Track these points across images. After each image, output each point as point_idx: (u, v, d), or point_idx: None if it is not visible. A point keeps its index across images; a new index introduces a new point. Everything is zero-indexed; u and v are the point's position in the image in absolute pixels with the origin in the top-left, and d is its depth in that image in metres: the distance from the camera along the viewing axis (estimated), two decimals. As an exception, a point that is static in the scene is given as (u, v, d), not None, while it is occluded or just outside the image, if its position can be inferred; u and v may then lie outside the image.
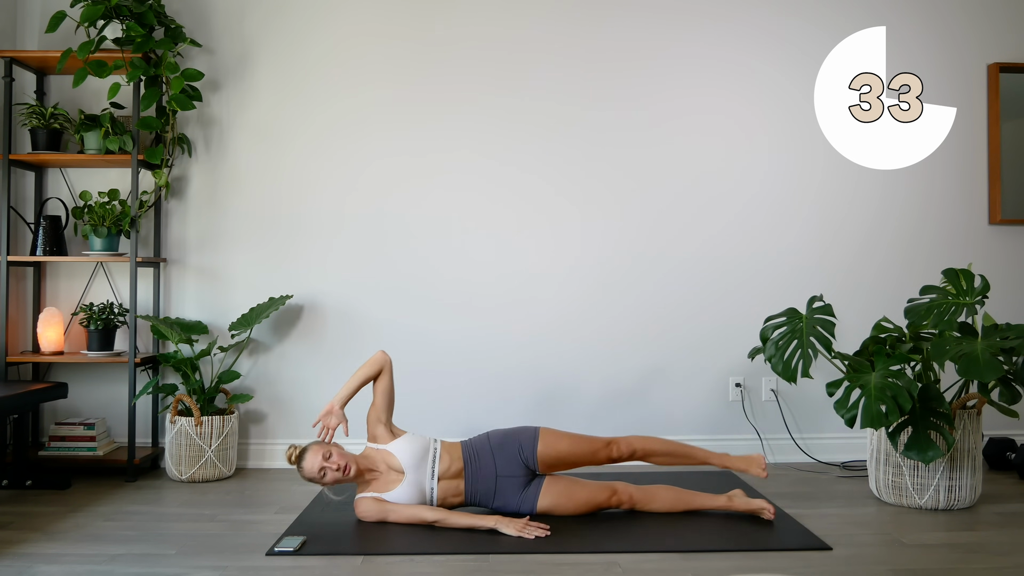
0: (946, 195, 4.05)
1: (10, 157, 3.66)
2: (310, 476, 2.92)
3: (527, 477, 3.04)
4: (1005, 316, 3.89)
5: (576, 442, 3.09)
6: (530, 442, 3.04)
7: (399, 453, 2.98)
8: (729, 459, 3.18)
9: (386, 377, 3.12)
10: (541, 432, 3.08)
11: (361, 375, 3.10)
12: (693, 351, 3.98)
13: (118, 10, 3.56)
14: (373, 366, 3.12)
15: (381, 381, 3.12)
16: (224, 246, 3.95)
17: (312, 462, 2.91)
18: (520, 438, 3.06)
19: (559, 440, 3.07)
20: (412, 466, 2.97)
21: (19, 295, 3.90)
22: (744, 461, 3.16)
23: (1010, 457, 3.76)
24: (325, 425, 3.03)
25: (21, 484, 3.49)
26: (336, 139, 3.95)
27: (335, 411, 3.03)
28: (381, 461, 3.00)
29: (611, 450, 3.10)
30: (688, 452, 3.17)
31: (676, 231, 4.00)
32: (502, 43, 3.97)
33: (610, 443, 3.10)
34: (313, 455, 2.92)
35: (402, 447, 3.00)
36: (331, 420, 3.03)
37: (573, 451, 3.07)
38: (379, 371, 3.12)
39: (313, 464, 2.90)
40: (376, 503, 2.94)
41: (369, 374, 3.11)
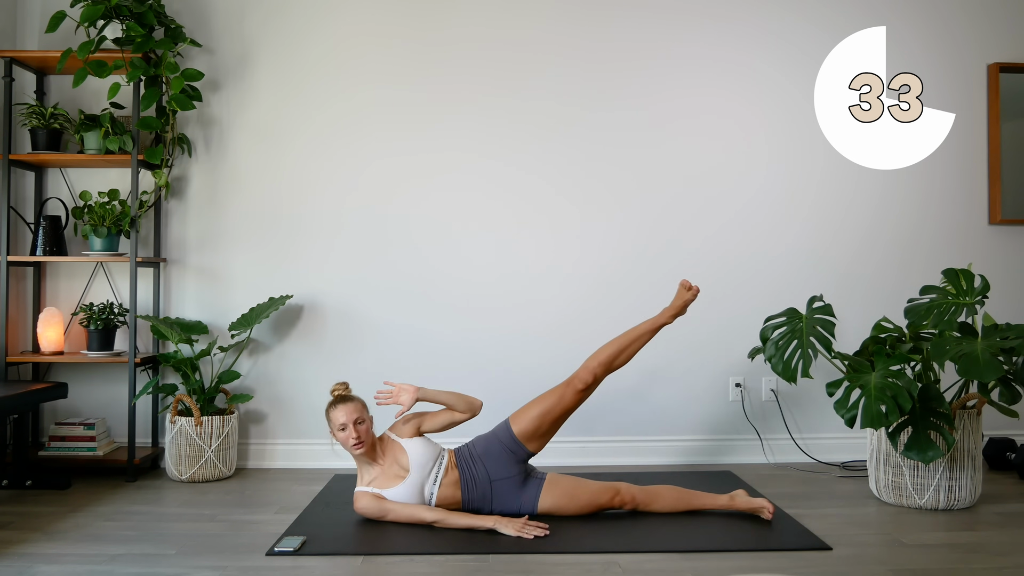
0: (946, 195, 4.05)
1: (10, 157, 3.66)
2: (332, 420, 2.94)
3: (521, 472, 3.04)
4: (1005, 316, 3.89)
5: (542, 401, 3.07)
6: (505, 431, 3.06)
7: (411, 452, 2.99)
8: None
9: (462, 417, 3.07)
10: (510, 418, 3.09)
11: (455, 398, 3.05)
12: (693, 351, 3.98)
13: (118, 10, 3.56)
14: (468, 403, 3.06)
15: (456, 416, 3.07)
16: (224, 246, 3.95)
17: (344, 413, 2.91)
18: (497, 434, 3.08)
19: (527, 408, 3.07)
20: (418, 467, 2.97)
21: (19, 295, 3.90)
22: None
23: (1010, 457, 3.76)
24: (396, 394, 3.02)
25: (21, 484, 3.49)
26: (336, 139, 3.95)
27: (413, 395, 3.01)
28: (390, 453, 3.00)
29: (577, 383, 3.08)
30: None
31: (676, 231, 4.00)
32: (502, 43, 3.97)
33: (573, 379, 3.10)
34: (350, 410, 2.92)
35: (416, 447, 3.00)
36: (403, 396, 3.02)
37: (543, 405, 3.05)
38: (466, 411, 3.07)
39: (342, 416, 2.91)
40: (375, 500, 2.94)
41: (458, 404, 3.06)
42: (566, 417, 3.11)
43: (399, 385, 3.05)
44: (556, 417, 3.07)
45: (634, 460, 3.94)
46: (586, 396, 3.10)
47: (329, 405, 2.98)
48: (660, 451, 3.96)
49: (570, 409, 3.09)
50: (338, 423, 2.92)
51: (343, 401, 2.96)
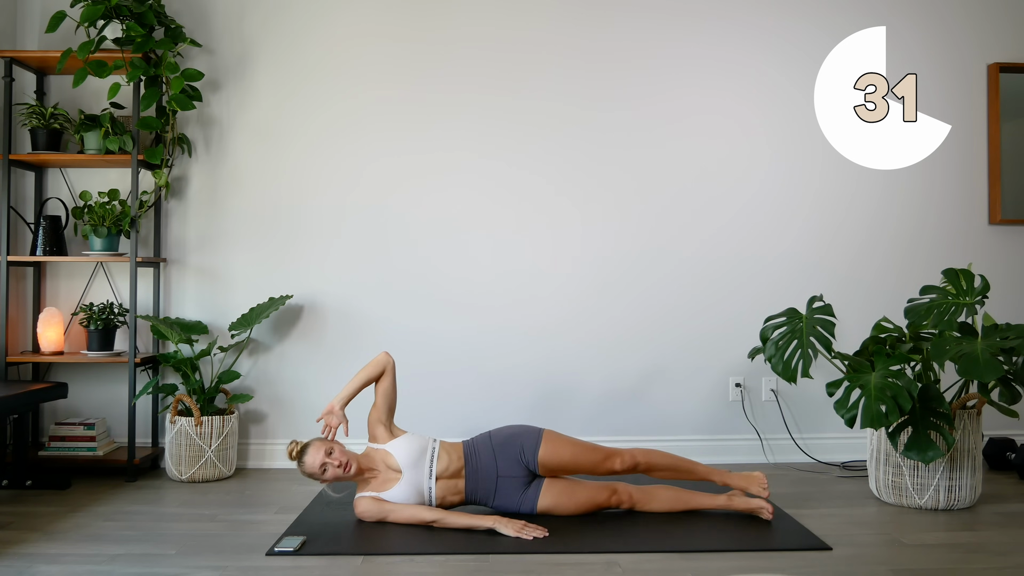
0: (946, 195, 4.05)
1: (10, 157, 3.66)
2: (311, 472, 2.93)
3: (527, 478, 3.04)
4: (1005, 316, 3.89)
5: (579, 451, 3.05)
6: (532, 445, 3.02)
7: (396, 453, 2.99)
8: (730, 476, 3.12)
9: (388, 378, 3.12)
10: (544, 436, 3.06)
11: (363, 376, 3.10)
12: (693, 351, 3.98)
13: (118, 10, 3.56)
14: (375, 367, 3.12)
15: (383, 382, 3.12)
16: (224, 246, 3.95)
17: (314, 458, 2.91)
18: (523, 440, 3.04)
19: (562, 447, 3.04)
20: (409, 465, 2.97)
21: (19, 295, 3.90)
22: (744, 479, 3.10)
23: (1010, 457, 3.76)
24: (327, 424, 3.04)
25: (21, 484, 3.48)
26: (336, 139, 3.95)
27: (335, 411, 3.04)
28: (380, 460, 3.01)
29: (614, 463, 3.05)
30: (690, 468, 3.13)
31: (676, 231, 4.00)
32: (502, 43, 3.97)
33: (612, 455, 3.06)
34: (315, 451, 2.93)
35: (400, 447, 3.00)
36: (332, 420, 3.04)
37: (576, 460, 3.04)
38: (381, 372, 3.12)
39: (315, 460, 2.91)
40: (375, 503, 2.94)
41: (371, 375, 3.11)
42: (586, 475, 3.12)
43: (324, 413, 3.05)
44: (580, 471, 3.08)
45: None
46: (615, 475, 3.10)
47: (299, 464, 2.96)
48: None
49: (595, 474, 3.09)
50: (317, 467, 2.91)
51: (304, 451, 2.95)
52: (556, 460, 3.02)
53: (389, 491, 2.95)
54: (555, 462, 3.03)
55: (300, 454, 2.95)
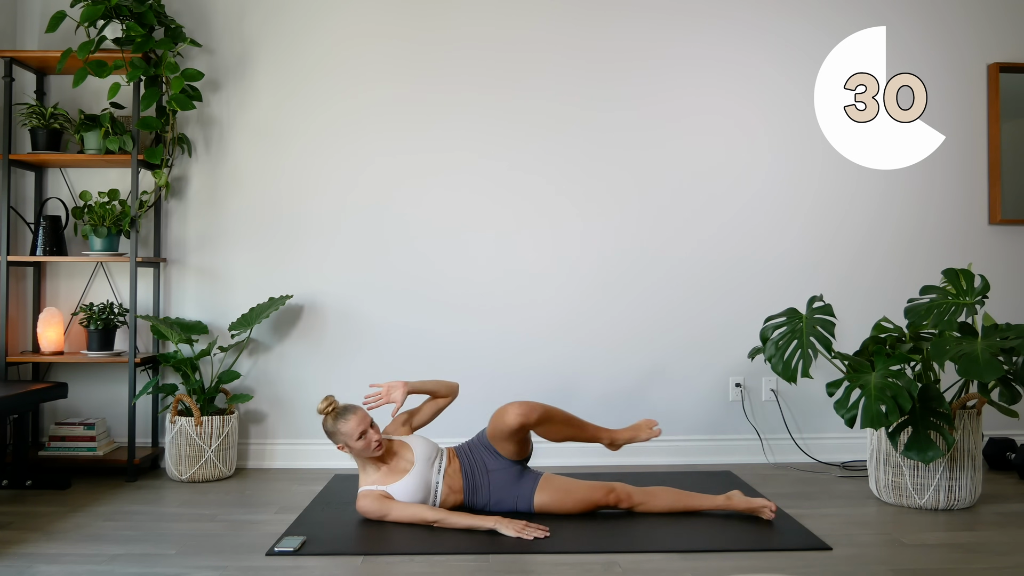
0: (946, 195, 4.05)
1: (10, 157, 3.66)
2: (346, 432, 2.92)
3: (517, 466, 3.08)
4: (1005, 316, 3.89)
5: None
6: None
7: (415, 446, 3.04)
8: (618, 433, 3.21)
9: (445, 401, 3.26)
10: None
11: (437, 385, 3.23)
12: (693, 351, 3.98)
13: (118, 10, 3.56)
14: (449, 387, 3.25)
15: (440, 403, 3.26)
16: (224, 246, 3.95)
17: (356, 424, 2.92)
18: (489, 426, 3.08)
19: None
20: (423, 459, 3.01)
21: (19, 295, 3.90)
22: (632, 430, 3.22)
23: (1010, 457, 3.76)
24: (385, 394, 3.09)
25: (21, 484, 3.48)
26: (336, 139, 3.95)
27: (403, 390, 3.11)
28: (394, 451, 3.04)
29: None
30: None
31: (676, 231, 4.00)
32: (502, 43, 3.97)
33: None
34: (359, 418, 2.93)
35: (418, 442, 3.06)
36: (395, 393, 3.10)
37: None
38: (448, 394, 3.25)
39: (355, 426, 2.91)
40: (379, 500, 2.94)
41: (440, 390, 3.23)
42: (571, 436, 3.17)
43: (387, 384, 3.14)
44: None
45: (634, 460, 3.94)
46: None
47: (332, 420, 2.96)
48: (660, 451, 3.96)
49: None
50: (355, 433, 2.92)
51: (349, 412, 2.96)
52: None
53: (398, 483, 2.96)
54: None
55: (339, 414, 2.95)
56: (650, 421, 3.23)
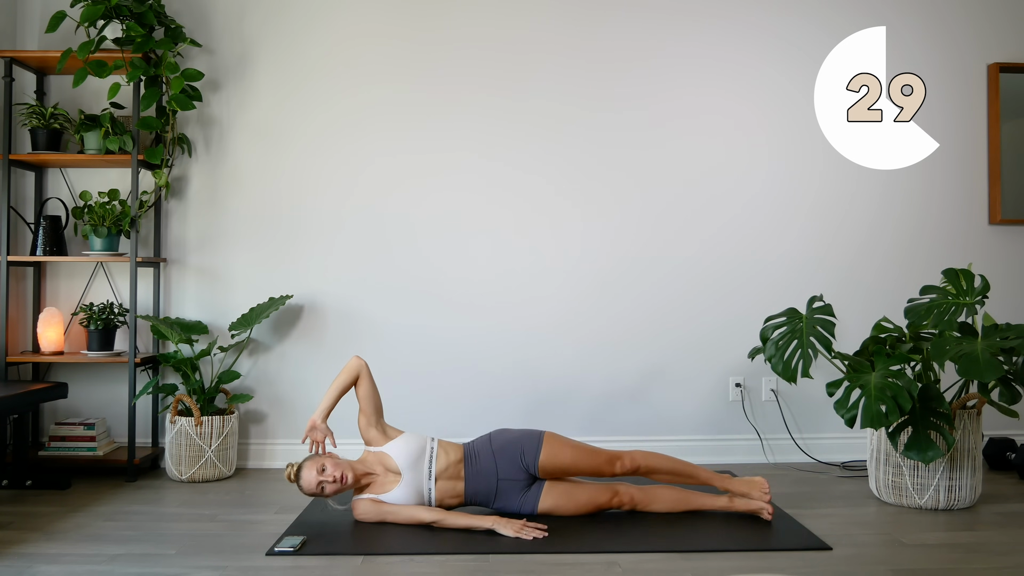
0: (946, 195, 4.05)
1: (10, 157, 3.66)
2: (310, 492, 2.91)
3: (528, 481, 3.03)
4: (1005, 316, 3.89)
5: (579, 455, 3.04)
6: (533, 448, 3.01)
7: (395, 454, 2.97)
8: (731, 482, 3.10)
9: (365, 382, 3.07)
10: (545, 438, 3.04)
11: (338, 385, 3.06)
12: (693, 351, 3.98)
13: (118, 10, 3.56)
14: (348, 374, 3.07)
15: (361, 387, 3.07)
16: (224, 246, 3.95)
17: (309, 478, 2.89)
18: (523, 444, 3.03)
19: (562, 450, 3.03)
20: (408, 466, 2.96)
21: (19, 295, 3.90)
22: (746, 484, 3.08)
23: (1010, 457, 3.76)
24: (313, 441, 3.01)
25: (21, 484, 3.48)
26: (336, 139, 3.95)
27: (318, 425, 3.00)
28: (378, 463, 3.00)
29: (614, 466, 3.04)
30: (692, 472, 3.11)
31: (676, 231, 4.00)
32: (502, 43, 3.97)
33: (614, 458, 3.05)
34: (308, 471, 2.90)
35: (398, 448, 2.99)
36: (316, 435, 3.00)
37: (576, 463, 3.03)
38: (356, 378, 3.07)
39: (310, 480, 2.88)
40: (373, 505, 2.93)
41: (346, 383, 3.06)
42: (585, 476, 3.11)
43: (306, 432, 3.02)
44: (580, 474, 3.08)
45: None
46: (616, 478, 3.09)
47: (299, 488, 2.93)
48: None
49: (595, 476, 3.08)
50: (315, 485, 2.88)
51: (299, 473, 2.92)
52: (556, 463, 3.01)
53: (389, 493, 2.95)
54: (555, 465, 3.02)
55: (296, 477, 2.93)
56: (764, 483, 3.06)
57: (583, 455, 3.04)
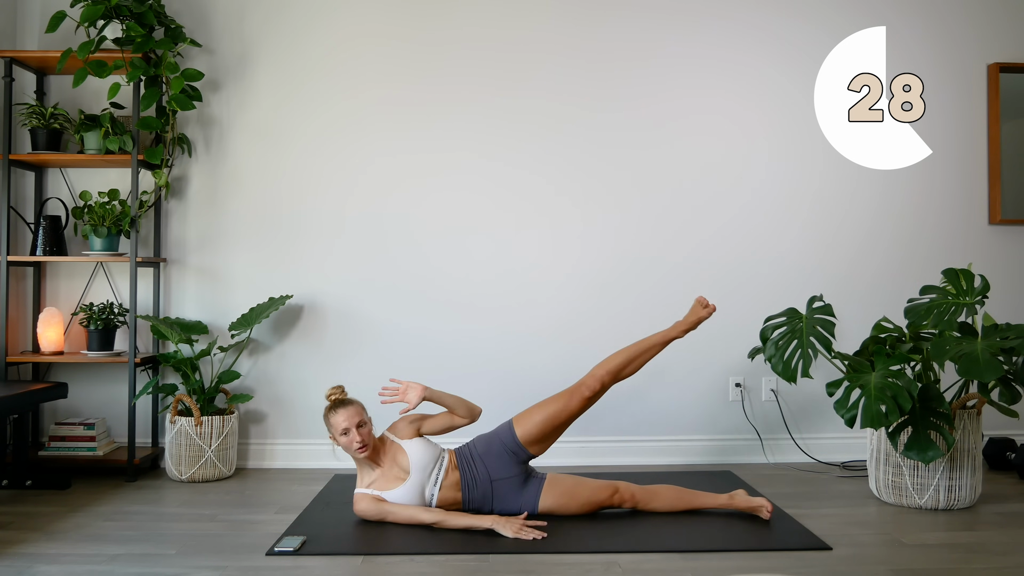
0: (946, 195, 4.05)
1: (10, 157, 3.66)
2: (333, 423, 2.91)
3: (522, 473, 3.04)
4: (1005, 316, 3.89)
5: (545, 405, 3.05)
6: (507, 429, 3.05)
7: (411, 453, 2.97)
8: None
9: (461, 422, 3.05)
10: (513, 420, 3.07)
11: (457, 401, 3.04)
12: (693, 351, 3.98)
13: (118, 10, 3.56)
14: (469, 409, 3.05)
15: (456, 420, 3.04)
16: (224, 246, 3.95)
17: (343, 418, 2.89)
18: (500, 435, 3.06)
19: (531, 412, 3.05)
20: (419, 469, 2.96)
21: (19, 295, 3.90)
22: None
23: (1010, 457, 3.76)
24: (402, 392, 2.98)
25: (21, 484, 3.49)
26: (336, 139, 3.95)
27: (420, 392, 2.98)
28: (391, 454, 2.99)
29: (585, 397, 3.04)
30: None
31: (676, 230, 4.00)
32: (502, 44, 3.97)
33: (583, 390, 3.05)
34: (350, 413, 2.89)
35: (416, 448, 2.99)
36: (409, 395, 2.98)
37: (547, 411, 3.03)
38: (466, 416, 3.05)
39: (342, 421, 2.89)
40: (375, 503, 2.93)
41: (459, 409, 3.04)
42: (570, 422, 3.09)
43: (406, 383, 3.02)
44: (561, 423, 3.06)
45: (634, 460, 3.94)
46: (591, 403, 3.08)
47: (328, 410, 2.96)
48: (660, 451, 3.96)
49: (575, 415, 3.07)
50: (340, 428, 2.90)
51: (342, 405, 2.94)
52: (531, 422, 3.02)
53: (392, 491, 2.95)
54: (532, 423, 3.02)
55: (336, 405, 2.93)
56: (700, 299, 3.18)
57: (552, 407, 3.04)
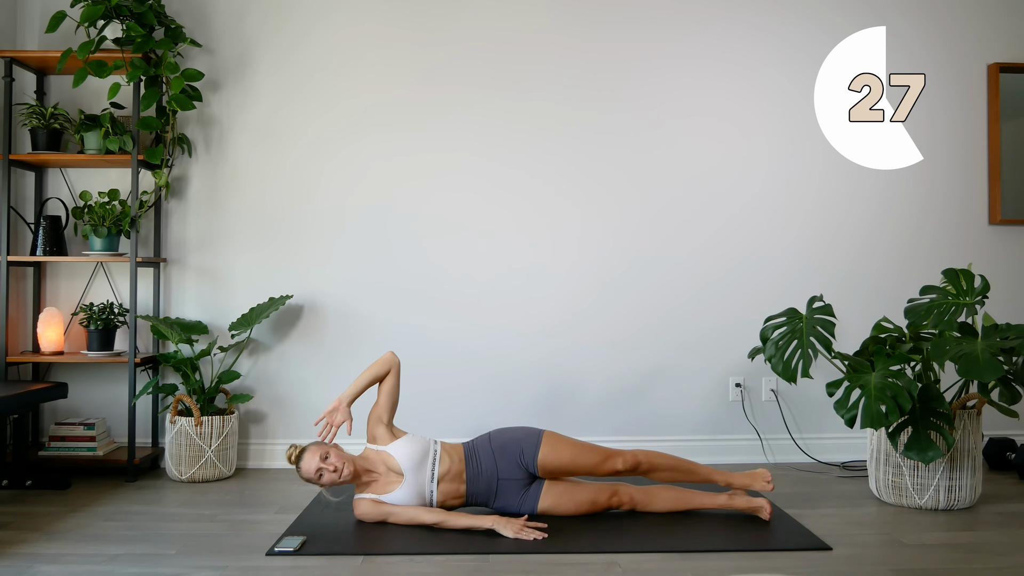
0: (946, 195, 4.05)
1: (10, 157, 3.66)
2: (307, 477, 2.91)
3: (528, 480, 3.03)
4: (1005, 316, 3.89)
5: (579, 452, 3.03)
6: (532, 447, 3.01)
7: (398, 455, 2.97)
8: (732, 476, 3.11)
9: (393, 378, 3.09)
10: (544, 437, 3.04)
11: (370, 374, 3.08)
12: (693, 351, 3.98)
13: (118, 10, 3.56)
14: (382, 365, 3.09)
15: (387, 382, 3.09)
16: (224, 246, 3.95)
17: (309, 463, 2.89)
18: (523, 443, 3.03)
19: (561, 448, 3.02)
20: (411, 468, 2.96)
21: (19, 295, 3.90)
22: (748, 477, 3.09)
23: (1010, 457, 3.76)
24: (329, 422, 3.00)
25: (21, 484, 3.48)
26: (336, 139, 3.95)
27: (342, 408, 3.00)
28: (380, 463, 2.99)
29: (615, 463, 3.02)
30: (692, 468, 3.11)
31: (676, 230, 4.00)
32: (502, 44, 3.97)
33: (613, 455, 3.03)
34: (311, 456, 2.90)
35: (402, 449, 2.98)
36: (336, 417, 3.00)
37: (576, 462, 3.02)
38: (387, 371, 3.09)
39: (310, 465, 2.89)
40: (375, 505, 2.93)
41: (378, 373, 3.08)
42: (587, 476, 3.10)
43: (327, 412, 3.02)
44: (580, 472, 3.06)
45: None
46: (616, 476, 3.07)
47: (297, 471, 2.94)
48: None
49: (595, 475, 3.06)
50: (312, 472, 2.88)
51: (300, 456, 2.93)
52: (556, 462, 3.01)
53: (390, 494, 2.95)
54: (555, 464, 3.01)
55: (297, 459, 2.93)
56: (766, 473, 3.08)
57: (582, 452, 3.04)
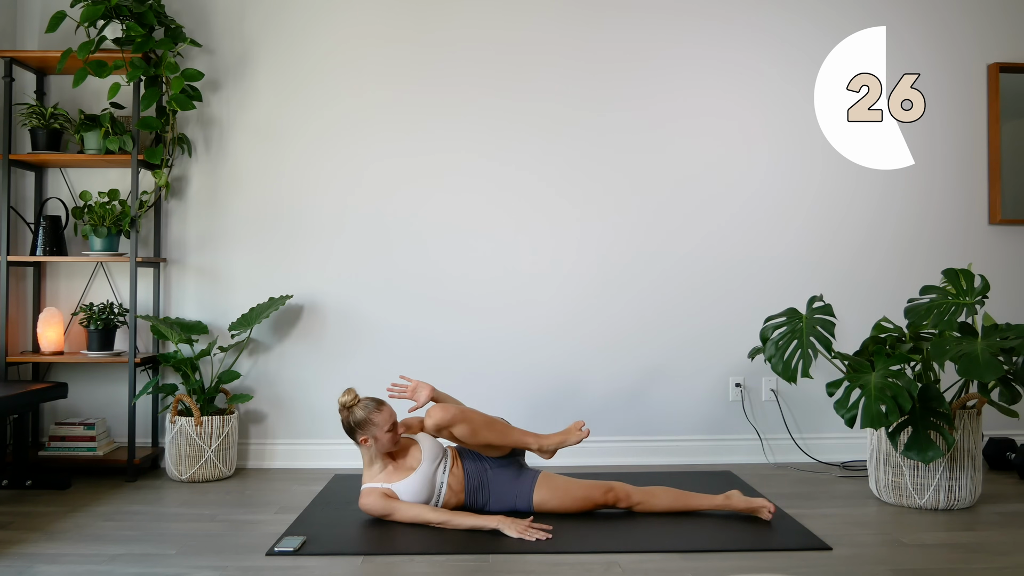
0: (946, 195, 4.05)
1: (10, 157, 3.65)
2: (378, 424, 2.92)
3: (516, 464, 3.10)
4: (1005, 316, 3.89)
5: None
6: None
7: (424, 445, 3.03)
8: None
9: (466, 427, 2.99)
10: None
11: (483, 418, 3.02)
12: (693, 351, 3.98)
13: (118, 10, 3.56)
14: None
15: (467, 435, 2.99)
16: (224, 246, 3.95)
17: (388, 413, 2.94)
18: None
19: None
20: (430, 459, 3.00)
21: (19, 295, 3.90)
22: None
23: (1010, 457, 3.76)
24: (411, 390, 3.08)
25: (21, 484, 3.48)
26: (336, 140, 3.95)
27: (428, 393, 3.06)
28: (404, 448, 3.04)
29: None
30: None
31: (675, 230, 4.00)
32: (502, 45, 3.97)
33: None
34: (388, 412, 2.95)
35: (427, 441, 3.05)
36: (420, 393, 3.07)
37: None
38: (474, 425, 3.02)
39: (387, 418, 2.93)
40: (383, 499, 2.93)
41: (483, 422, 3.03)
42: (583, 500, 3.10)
43: (416, 381, 3.11)
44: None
45: (634, 460, 3.94)
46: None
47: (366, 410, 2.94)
48: (660, 451, 3.96)
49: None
50: (388, 424, 2.94)
51: (378, 405, 2.97)
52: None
53: (403, 481, 2.96)
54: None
55: (374, 407, 2.95)
56: (578, 423, 3.09)
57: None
